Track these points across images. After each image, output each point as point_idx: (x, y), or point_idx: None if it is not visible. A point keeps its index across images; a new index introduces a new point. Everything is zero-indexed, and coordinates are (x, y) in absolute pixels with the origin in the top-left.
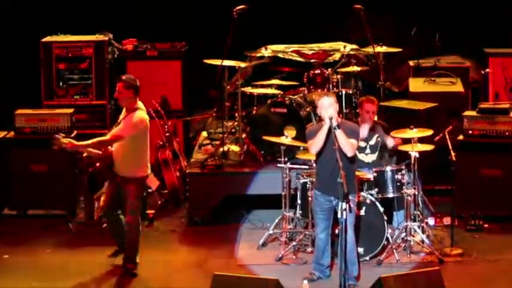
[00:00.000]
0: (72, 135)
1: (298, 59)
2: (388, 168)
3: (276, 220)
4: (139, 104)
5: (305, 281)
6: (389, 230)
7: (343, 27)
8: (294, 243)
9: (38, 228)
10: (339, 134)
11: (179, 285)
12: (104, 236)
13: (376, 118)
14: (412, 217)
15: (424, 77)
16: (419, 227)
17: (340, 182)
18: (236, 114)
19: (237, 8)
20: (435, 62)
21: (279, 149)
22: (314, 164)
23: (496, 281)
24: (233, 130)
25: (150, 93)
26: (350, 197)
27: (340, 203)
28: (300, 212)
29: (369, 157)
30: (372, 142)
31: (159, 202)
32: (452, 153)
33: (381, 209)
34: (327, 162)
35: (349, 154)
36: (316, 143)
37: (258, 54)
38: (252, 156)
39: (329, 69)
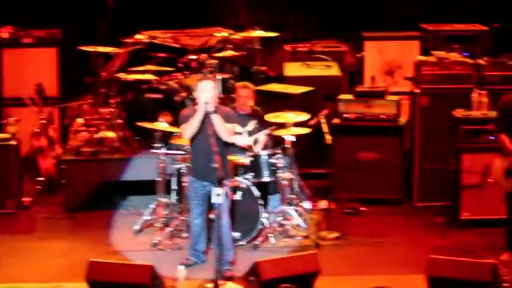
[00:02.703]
0: None
1: (174, 44)
2: (263, 153)
3: (152, 206)
4: None
5: (181, 267)
6: (265, 215)
7: (219, 12)
8: (170, 228)
9: None
10: (215, 118)
11: (55, 271)
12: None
13: (252, 104)
14: (288, 201)
15: (300, 61)
16: (295, 211)
17: (214, 167)
18: (111, 101)
19: None
20: (311, 46)
21: (154, 135)
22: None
23: (372, 263)
24: (108, 116)
25: (26, 80)
26: (225, 182)
27: (214, 188)
28: (176, 197)
29: (246, 142)
30: (249, 128)
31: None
32: (328, 137)
33: (257, 194)
34: (202, 148)
35: (226, 139)
36: (189, 128)
37: (134, 40)
38: (128, 142)
39: (205, 54)
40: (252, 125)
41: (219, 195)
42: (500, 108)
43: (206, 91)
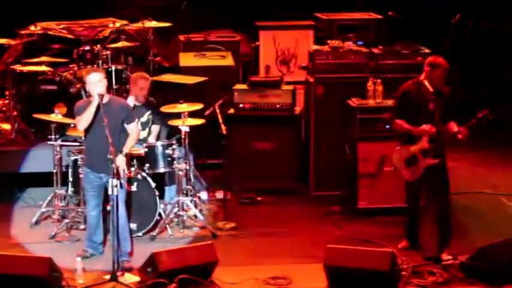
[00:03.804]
0: None
1: (69, 35)
2: (159, 143)
3: (48, 198)
4: None
5: (78, 258)
6: (162, 205)
7: (113, 2)
8: (67, 220)
9: None
10: (129, 143)
11: None
12: None
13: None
14: (184, 192)
15: (194, 51)
16: (191, 202)
17: (109, 158)
18: (7, 93)
19: None
20: (205, 36)
21: (49, 127)
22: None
23: (270, 253)
24: (4, 108)
25: None
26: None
27: (110, 180)
28: (72, 189)
29: (141, 134)
30: (144, 119)
31: None
32: (223, 127)
33: (153, 185)
34: (96, 139)
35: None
36: (84, 119)
37: (28, 32)
38: (23, 134)
39: (98, 45)
40: (146, 115)
41: (115, 187)
42: (399, 96)
43: (97, 83)
